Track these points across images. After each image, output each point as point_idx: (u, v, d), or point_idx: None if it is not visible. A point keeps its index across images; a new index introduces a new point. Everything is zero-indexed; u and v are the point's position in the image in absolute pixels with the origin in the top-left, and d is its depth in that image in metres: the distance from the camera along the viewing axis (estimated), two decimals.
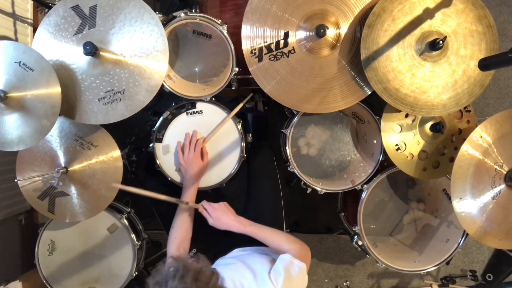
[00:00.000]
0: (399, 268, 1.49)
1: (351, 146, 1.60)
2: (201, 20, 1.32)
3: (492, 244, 1.28)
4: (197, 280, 0.80)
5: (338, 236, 2.03)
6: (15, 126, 1.14)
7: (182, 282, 0.78)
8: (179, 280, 0.79)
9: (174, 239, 1.26)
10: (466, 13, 1.19)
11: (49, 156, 1.33)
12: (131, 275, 1.51)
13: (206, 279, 0.81)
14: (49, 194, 1.36)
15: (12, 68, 1.11)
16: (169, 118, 1.44)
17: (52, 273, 1.51)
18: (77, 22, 1.18)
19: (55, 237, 1.50)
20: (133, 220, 1.62)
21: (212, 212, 1.24)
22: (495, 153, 1.23)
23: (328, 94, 1.28)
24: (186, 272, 0.80)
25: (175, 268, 0.82)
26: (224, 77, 1.37)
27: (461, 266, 2.03)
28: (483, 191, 1.23)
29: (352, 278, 2.06)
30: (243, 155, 1.45)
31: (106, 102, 1.19)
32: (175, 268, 0.82)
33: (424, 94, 1.23)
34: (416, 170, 1.38)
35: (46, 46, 1.19)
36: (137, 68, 1.18)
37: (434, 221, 1.65)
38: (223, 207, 1.26)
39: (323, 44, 1.25)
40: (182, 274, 0.80)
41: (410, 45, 1.19)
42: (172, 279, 0.79)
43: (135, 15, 1.16)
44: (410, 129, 1.39)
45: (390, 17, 1.17)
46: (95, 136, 1.33)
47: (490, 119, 1.21)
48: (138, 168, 1.78)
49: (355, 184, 1.47)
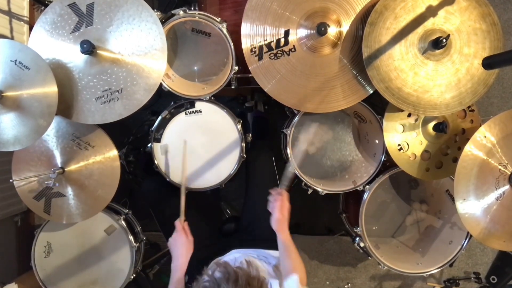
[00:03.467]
0: (401, 270, 1.48)
1: (352, 146, 1.58)
2: (200, 18, 1.31)
3: (496, 245, 1.27)
4: (250, 284, 0.80)
5: (340, 238, 2.01)
6: (11, 125, 1.13)
7: (236, 285, 0.79)
8: (233, 283, 0.79)
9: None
10: (469, 10, 1.18)
11: (46, 156, 1.32)
12: (129, 277, 1.50)
13: (257, 284, 0.82)
14: (45, 195, 1.35)
15: (8, 66, 1.10)
16: (168, 118, 1.42)
17: (48, 275, 1.50)
18: (74, 20, 1.17)
19: (52, 238, 1.48)
20: (131, 221, 1.60)
21: (287, 211, 1.17)
22: (499, 153, 1.22)
23: (329, 93, 1.27)
24: (238, 276, 0.81)
25: (226, 272, 0.83)
26: (223, 76, 1.36)
27: (464, 268, 2.01)
28: (487, 192, 1.22)
29: (353, 280, 2.04)
30: (243, 155, 1.43)
31: (103, 102, 1.18)
32: (226, 272, 0.83)
33: (427, 93, 1.21)
34: (418, 171, 1.36)
35: (43, 44, 1.18)
36: (135, 67, 1.16)
37: (437, 222, 1.64)
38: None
39: (324, 43, 1.23)
40: (235, 278, 0.80)
41: (413, 44, 1.18)
42: (226, 283, 0.80)
43: (133, 13, 1.15)
44: (412, 128, 1.37)
45: (393, 14, 1.16)
46: (92, 136, 1.32)
47: (494, 119, 1.20)
48: (136, 169, 1.77)
49: (356, 184, 1.45)
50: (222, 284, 0.80)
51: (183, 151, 1.40)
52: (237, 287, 0.79)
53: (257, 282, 0.82)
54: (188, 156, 1.44)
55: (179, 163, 1.43)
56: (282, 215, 1.15)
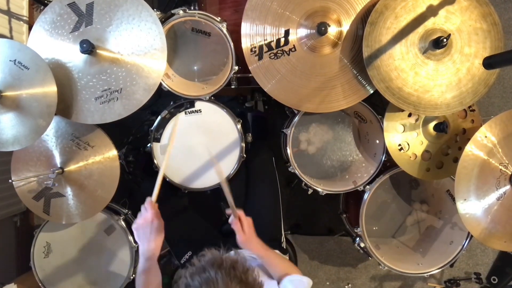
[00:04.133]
0: (402, 271, 1.47)
1: (353, 146, 1.58)
2: (200, 17, 1.30)
3: (497, 246, 1.26)
4: (234, 268, 0.82)
5: (340, 238, 2.01)
6: (10, 125, 1.13)
7: (220, 269, 0.81)
8: (218, 267, 0.81)
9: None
10: (470, 10, 1.17)
11: (45, 156, 1.32)
12: (129, 277, 1.49)
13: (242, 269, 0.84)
14: (44, 195, 1.34)
15: (7, 66, 1.10)
16: (167, 118, 1.42)
17: (48, 275, 1.49)
18: (74, 19, 1.17)
19: (51, 239, 1.48)
20: (131, 221, 1.59)
21: (249, 228, 1.16)
22: (500, 154, 1.21)
23: (330, 93, 1.26)
24: (223, 261, 0.83)
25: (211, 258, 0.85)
26: (223, 76, 1.36)
27: (465, 268, 2.01)
28: (488, 192, 1.22)
29: (354, 280, 2.04)
30: (243, 155, 1.43)
31: (103, 101, 1.18)
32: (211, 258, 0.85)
33: (428, 93, 1.21)
34: (419, 171, 1.36)
35: (42, 44, 1.18)
36: (135, 67, 1.16)
37: (438, 222, 1.63)
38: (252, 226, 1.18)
39: (325, 42, 1.23)
40: (220, 263, 0.82)
41: (413, 43, 1.17)
42: (210, 267, 0.82)
43: (133, 13, 1.15)
44: (413, 128, 1.37)
45: (393, 14, 1.16)
46: (92, 136, 1.32)
47: (495, 119, 1.19)
48: (136, 169, 1.77)
49: (357, 185, 1.45)
50: (207, 268, 0.82)
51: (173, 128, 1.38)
52: (221, 270, 0.81)
53: (242, 268, 0.84)
54: (188, 156, 1.44)
55: (179, 163, 1.43)
56: (245, 234, 1.15)
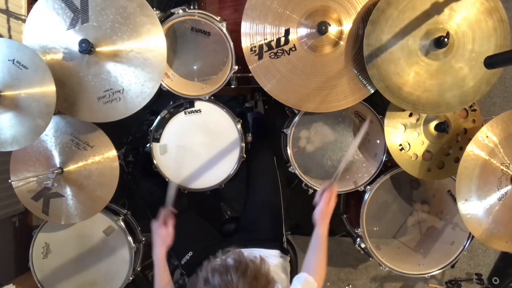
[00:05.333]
0: (403, 272, 1.47)
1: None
2: (199, 17, 1.30)
3: (499, 246, 1.26)
4: (257, 280, 0.80)
5: (340, 239, 2.00)
6: (8, 125, 1.12)
7: (243, 277, 0.78)
8: (241, 274, 0.78)
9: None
10: (476, 6, 1.14)
11: (44, 156, 1.31)
12: (128, 278, 1.49)
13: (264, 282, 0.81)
14: (43, 195, 1.33)
15: (6, 66, 1.09)
16: (167, 117, 1.42)
17: (46, 276, 1.48)
18: (69, 15, 1.14)
19: (50, 239, 1.47)
20: (130, 222, 1.59)
21: (333, 205, 1.17)
22: (502, 154, 1.21)
23: (330, 92, 1.26)
24: (248, 268, 0.80)
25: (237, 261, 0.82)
26: (223, 76, 1.35)
27: (466, 269, 2.00)
28: (489, 192, 1.21)
29: (354, 281, 2.03)
30: (243, 155, 1.42)
31: (105, 101, 1.17)
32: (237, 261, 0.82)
33: (428, 92, 1.20)
34: (420, 171, 1.35)
35: (39, 41, 1.15)
36: (135, 66, 1.15)
37: (439, 223, 1.63)
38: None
39: (325, 42, 1.22)
40: (244, 269, 0.80)
41: (415, 42, 1.16)
42: (234, 271, 0.79)
43: (132, 11, 1.13)
44: (414, 128, 1.36)
45: (395, 12, 1.14)
46: (91, 136, 1.31)
47: (496, 119, 1.19)
48: (135, 169, 1.77)
49: (357, 185, 1.44)
50: (231, 271, 0.79)
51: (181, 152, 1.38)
52: (244, 278, 0.78)
53: (265, 280, 0.81)
54: (188, 157, 1.43)
55: (178, 163, 1.42)
56: (328, 207, 1.13)
